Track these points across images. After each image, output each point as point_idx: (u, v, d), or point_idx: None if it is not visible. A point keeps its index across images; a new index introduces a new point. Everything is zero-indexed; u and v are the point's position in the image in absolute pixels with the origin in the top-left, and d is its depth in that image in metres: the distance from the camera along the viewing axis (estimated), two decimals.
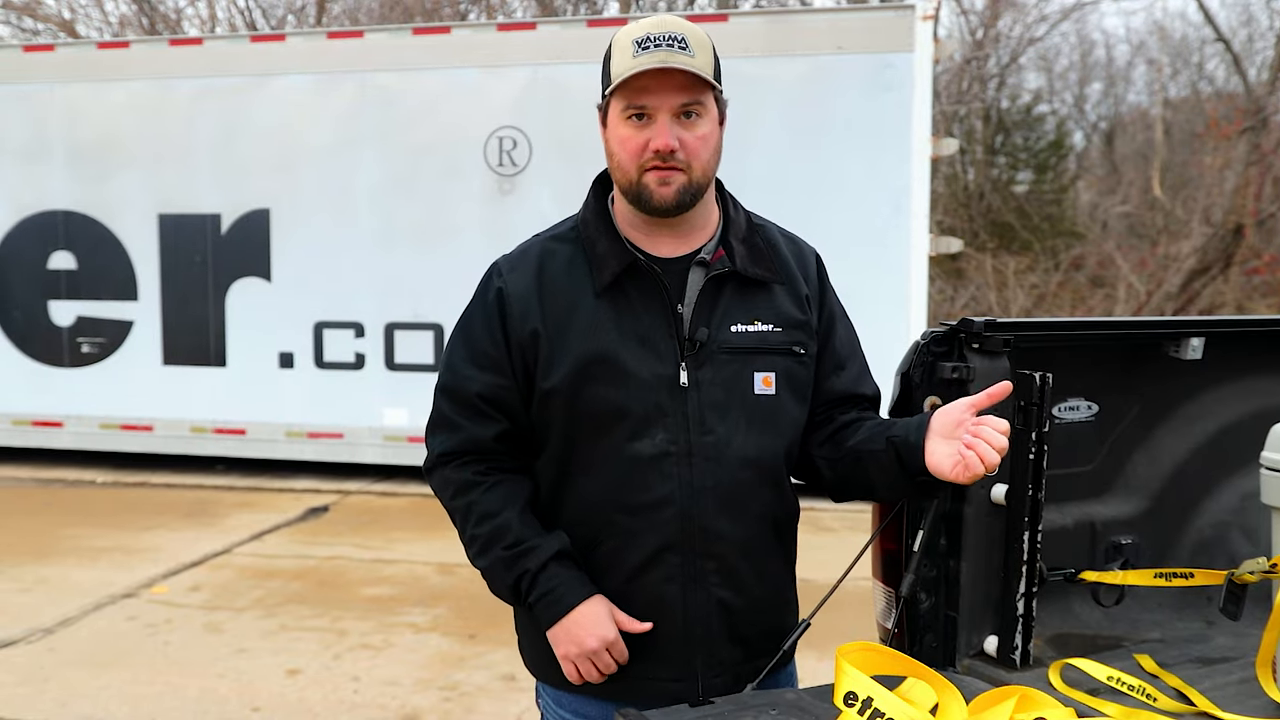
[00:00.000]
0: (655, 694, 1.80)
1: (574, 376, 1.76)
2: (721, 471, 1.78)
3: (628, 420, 1.76)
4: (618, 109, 1.75)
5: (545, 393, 1.79)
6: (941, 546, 2.11)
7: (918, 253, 7.49)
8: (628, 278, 1.79)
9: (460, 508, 1.85)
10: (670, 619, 1.80)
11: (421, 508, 7.81)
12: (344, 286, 8.30)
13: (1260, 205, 15.32)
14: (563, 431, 1.81)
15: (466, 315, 1.88)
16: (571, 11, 17.63)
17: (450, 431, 1.86)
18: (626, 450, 1.77)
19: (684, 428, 1.77)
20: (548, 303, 1.80)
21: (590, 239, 1.83)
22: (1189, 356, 2.31)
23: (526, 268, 1.84)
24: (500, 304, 1.82)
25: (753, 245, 1.86)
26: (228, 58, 8.55)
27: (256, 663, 4.77)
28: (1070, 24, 20.23)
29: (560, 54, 7.88)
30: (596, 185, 1.91)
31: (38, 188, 8.75)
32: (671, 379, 1.77)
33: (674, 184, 1.74)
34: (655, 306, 1.79)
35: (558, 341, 1.78)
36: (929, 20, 7.39)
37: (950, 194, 17.54)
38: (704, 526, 1.78)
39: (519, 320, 1.80)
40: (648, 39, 1.71)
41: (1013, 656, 2.08)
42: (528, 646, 1.96)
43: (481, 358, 1.83)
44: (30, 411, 8.95)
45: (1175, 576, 2.15)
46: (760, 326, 1.82)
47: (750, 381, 1.80)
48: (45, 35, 17.28)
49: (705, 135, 1.76)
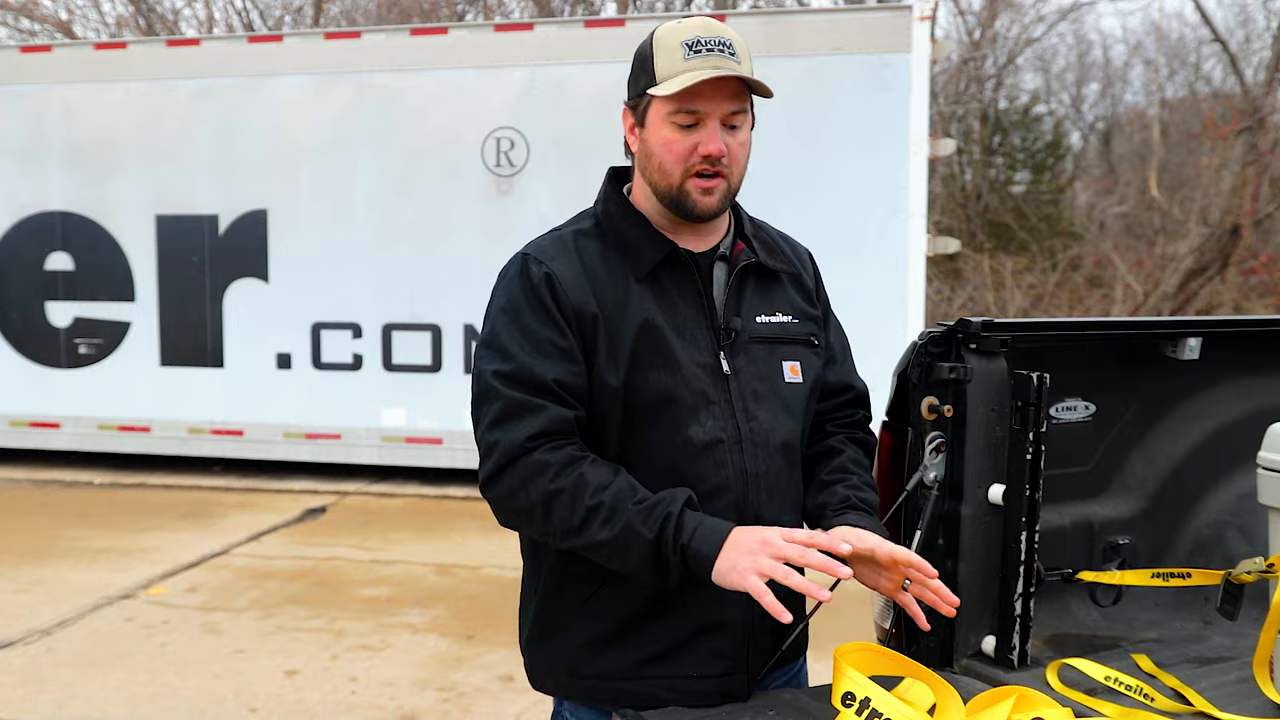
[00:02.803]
0: (703, 692, 1.76)
1: (629, 360, 1.72)
2: (768, 458, 1.78)
3: (679, 407, 1.73)
4: (664, 111, 1.72)
5: (601, 371, 1.72)
6: (939, 547, 2.11)
7: (915, 253, 7.49)
8: (663, 269, 1.78)
9: (568, 486, 1.66)
10: (725, 609, 1.76)
11: (419, 508, 7.81)
12: (341, 287, 8.30)
13: (1257, 205, 15.34)
14: (613, 420, 1.75)
15: (511, 306, 1.76)
16: (569, 12, 17.64)
17: (531, 414, 1.69)
18: (678, 438, 1.73)
19: (730, 415, 1.76)
20: (599, 288, 1.74)
21: (619, 230, 1.80)
22: (1186, 356, 2.31)
23: (566, 254, 1.77)
24: (552, 288, 1.73)
25: (763, 240, 1.89)
26: (225, 58, 8.54)
27: (254, 663, 4.77)
28: (1067, 24, 20.28)
29: (558, 55, 7.88)
30: (612, 179, 1.89)
31: (35, 188, 8.74)
32: (714, 367, 1.77)
33: (717, 193, 1.74)
34: (691, 297, 1.78)
35: (614, 327, 1.73)
36: (926, 21, 7.39)
37: (948, 194, 17.56)
38: (758, 514, 1.76)
39: (578, 305, 1.72)
40: (698, 42, 1.69)
41: (1010, 657, 2.08)
42: (556, 651, 1.83)
43: (545, 345, 1.72)
44: (27, 413, 8.94)
45: (1172, 576, 2.15)
46: (782, 317, 1.85)
47: (780, 370, 1.82)
48: (42, 36, 17.26)
49: (745, 142, 1.77)
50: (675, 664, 1.77)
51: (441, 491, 8.25)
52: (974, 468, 2.10)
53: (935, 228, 13.34)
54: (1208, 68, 19.03)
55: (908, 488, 2.08)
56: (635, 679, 1.77)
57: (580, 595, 1.78)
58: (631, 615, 1.76)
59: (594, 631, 1.78)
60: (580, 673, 1.80)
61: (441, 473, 8.44)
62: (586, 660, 1.78)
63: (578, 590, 1.78)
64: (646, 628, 1.76)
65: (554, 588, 1.81)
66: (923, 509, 2.07)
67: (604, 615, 1.77)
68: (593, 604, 1.77)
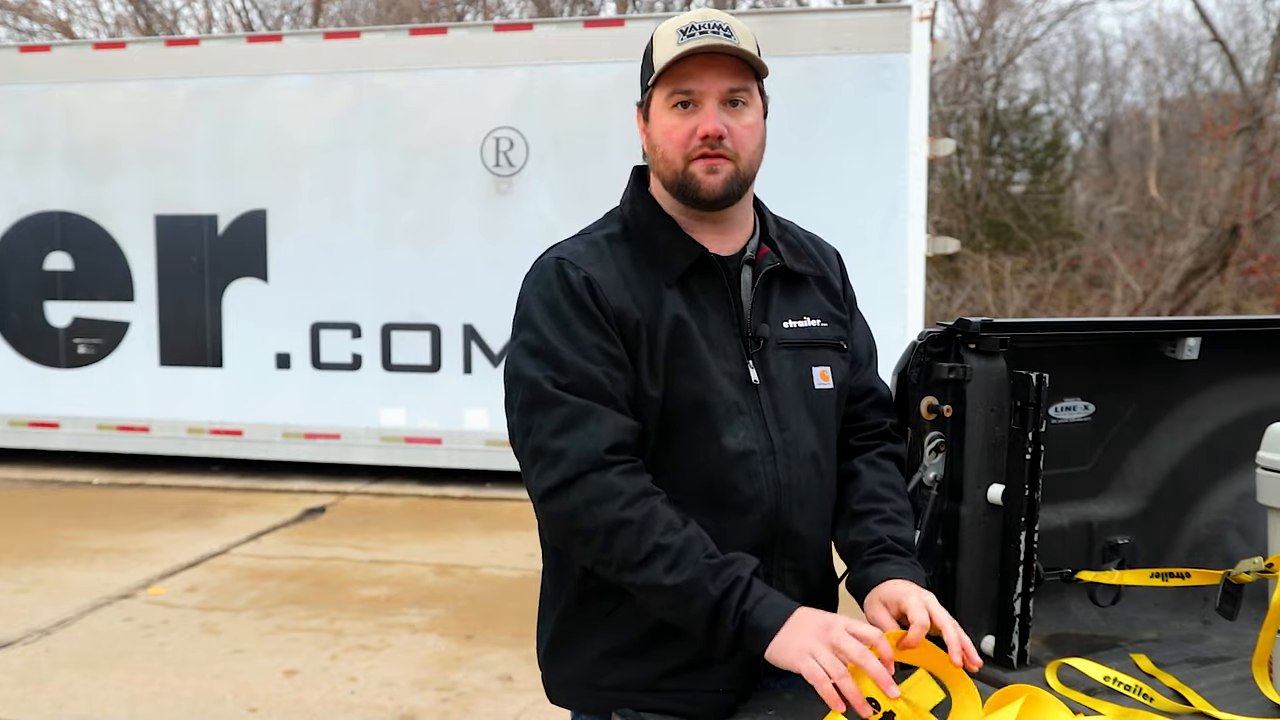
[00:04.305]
0: (727, 707, 1.72)
1: (664, 368, 1.67)
2: (801, 469, 1.73)
3: (713, 415, 1.68)
4: (661, 98, 1.70)
5: (643, 386, 1.67)
6: (938, 547, 2.11)
7: (915, 253, 7.49)
8: (692, 274, 1.73)
9: (637, 519, 1.59)
10: None
11: (418, 508, 7.81)
12: (341, 287, 8.30)
13: (1256, 205, 15.35)
14: (650, 429, 1.69)
15: (555, 310, 1.67)
16: (568, 12, 17.64)
17: (599, 421, 1.62)
18: (711, 449, 1.68)
19: (761, 425, 1.71)
20: (636, 294, 1.68)
21: (646, 232, 1.75)
22: (1185, 356, 2.31)
23: (602, 259, 1.71)
24: (594, 293, 1.66)
25: (789, 243, 1.84)
26: (224, 58, 8.54)
27: (253, 663, 4.77)
28: (1067, 25, 20.29)
29: (557, 55, 7.88)
30: (636, 181, 1.83)
31: (34, 188, 8.74)
32: (742, 376, 1.72)
33: (722, 173, 1.69)
34: (719, 304, 1.73)
35: (652, 332, 1.67)
36: (925, 21, 7.40)
37: (947, 194, 17.56)
38: (788, 527, 1.72)
39: (620, 310, 1.66)
40: (692, 27, 1.67)
41: (1009, 656, 2.08)
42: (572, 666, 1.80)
43: (594, 352, 1.65)
44: (26, 412, 8.94)
45: (1172, 576, 2.15)
46: (810, 322, 1.80)
47: (810, 377, 1.78)
48: (41, 36, 17.26)
49: (752, 125, 1.73)
50: (697, 678, 1.72)
51: (440, 491, 8.25)
52: (973, 468, 2.10)
53: (935, 228, 13.33)
54: (1207, 68, 19.06)
55: (907, 488, 2.08)
56: (654, 691, 1.72)
57: (603, 609, 1.74)
58: (654, 628, 1.71)
59: (615, 644, 1.74)
60: (598, 684, 1.77)
61: (440, 473, 8.44)
62: (605, 671, 1.75)
63: (600, 604, 1.74)
64: (669, 641, 1.71)
65: (577, 600, 1.77)
66: (922, 509, 2.07)
67: (626, 628, 1.73)
68: (615, 617, 1.73)
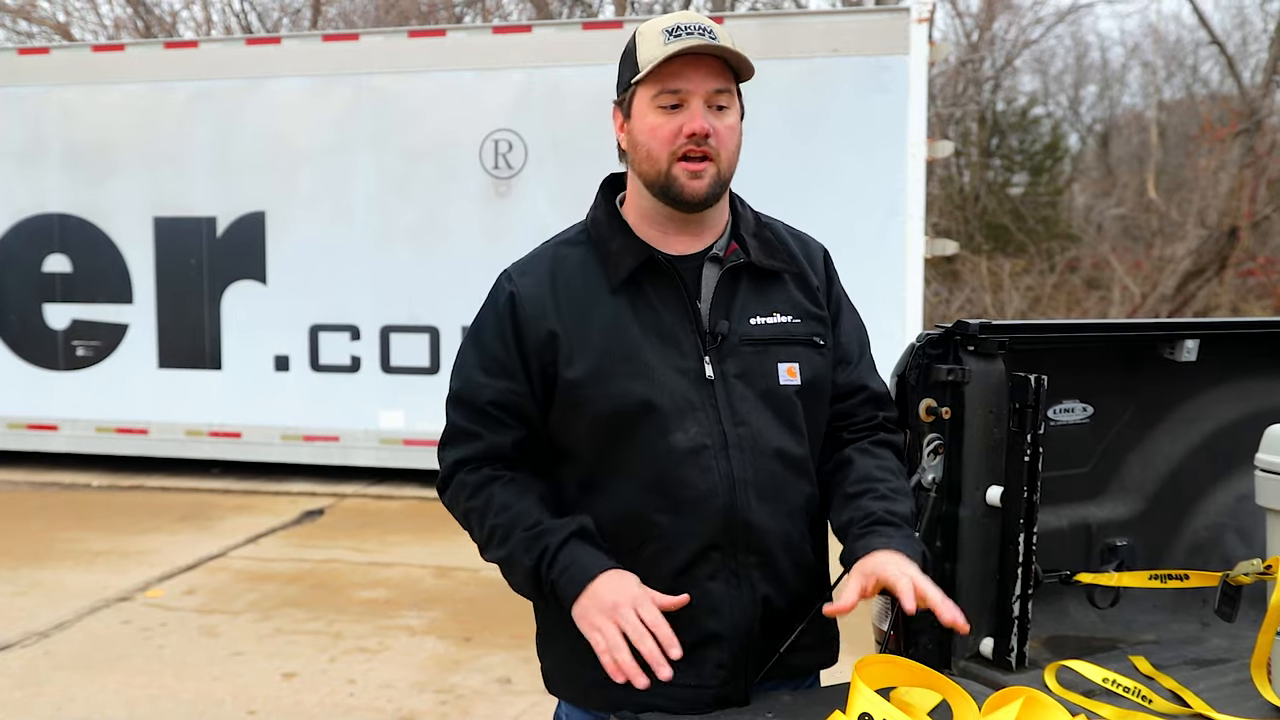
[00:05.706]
0: (702, 701, 1.74)
1: (598, 371, 1.72)
2: (758, 463, 1.75)
3: (657, 414, 1.72)
4: (646, 97, 1.72)
5: (569, 384, 1.74)
6: (937, 549, 2.11)
7: (913, 255, 7.49)
8: (644, 275, 1.77)
9: (478, 506, 1.79)
10: (719, 619, 1.75)
11: (417, 510, 7.80)
12: (339, 289, 8.30)
13: (1255, 207, 15.36)
14: (589, 433, 1.76)
15: (477, 323, 1.85)
16: (567, 14, 17.64)
17: (468, 441, 1.81)
18: (660, 446, 1.72)
19: (716, 420, 1.74)
20: (563, 303, 1.76)
21: (603, 238, 1.81)
22: (1184, 358, 2.31)
23: (538, 271, 1.81)
24: (512, 308, 1.78)
25: (764, 239, 1.85)
26: (223, 60, 8.54)
27: (252, 666, 4.76)
28: (1065, 27, 20.27)
29: (556, 57, 7.88)
30: (605, 187, 1.89)
31: (33, 190, 8.73)
32: (697, 372, 1.75)
33: (705, 177, 1.72)
34: (673, 302, 1.77)
35: (578, 340, 1.74)
36: (924, 23, 7.40)
37: (946, 196, 17.56)
38: (746, 520, 1.74)
39: (534, 322, 1.76)
40: (678, 28, 1.70)
41: (1008, 658, 2.08)
42: (551, 659, 1.90)
43: (492, 363, 1.79)
44: (25, 415, 8.93)
45: (1170, 578, 2.15)
46: (780, 318, 1.81)
47: (775, 373, 1.79)
48: (40, 38, 17.26)
49: (733, 126, 1.75)
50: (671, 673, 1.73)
51: None
52: (972, 470, 2.10)
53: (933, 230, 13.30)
54: (1205, 70, 19.06)
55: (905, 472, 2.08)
56: (630, 687, 1.70)
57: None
58: None
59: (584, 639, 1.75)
60: (577, 678, 1.81)
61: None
62: (583, 667, 1.76)
63: None
64: None
65: None
66: (921, 511, 2.07)
67: None
68: None
